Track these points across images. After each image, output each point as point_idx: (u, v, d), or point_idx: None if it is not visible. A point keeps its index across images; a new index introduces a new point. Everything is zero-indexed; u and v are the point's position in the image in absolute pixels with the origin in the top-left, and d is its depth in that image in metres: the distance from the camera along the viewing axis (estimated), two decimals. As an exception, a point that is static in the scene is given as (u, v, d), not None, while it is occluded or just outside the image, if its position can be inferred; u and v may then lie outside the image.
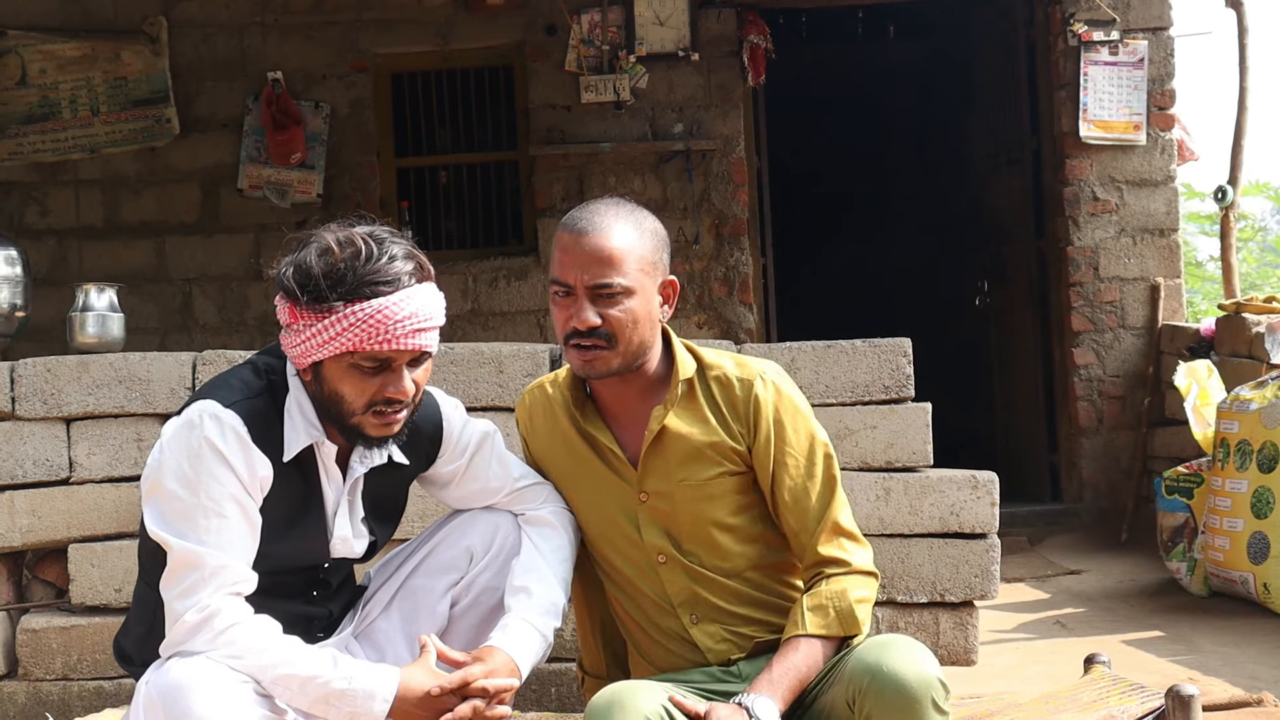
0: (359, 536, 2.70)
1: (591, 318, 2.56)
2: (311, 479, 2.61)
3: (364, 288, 2.44)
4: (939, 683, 2.35)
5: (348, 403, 2.51)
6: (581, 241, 2.58)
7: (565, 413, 2.75)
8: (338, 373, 2.49)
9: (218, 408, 2.48)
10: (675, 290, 2.67)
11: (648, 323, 2.61)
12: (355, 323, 2.43)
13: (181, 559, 2.44)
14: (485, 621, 2.76)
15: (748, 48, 7.54)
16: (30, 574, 4.17)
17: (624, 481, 2.70)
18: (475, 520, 2.81)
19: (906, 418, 4.01)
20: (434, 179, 7.93)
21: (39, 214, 7.67)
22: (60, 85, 7.56)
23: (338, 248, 2.45)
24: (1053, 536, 7.02)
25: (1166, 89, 7.39)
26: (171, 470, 2.47)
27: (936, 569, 3.94)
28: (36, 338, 5.92)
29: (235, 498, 2.46)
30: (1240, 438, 5.35)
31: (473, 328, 7.55)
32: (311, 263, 2.46)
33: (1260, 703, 3.34)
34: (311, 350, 2.48)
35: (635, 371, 2.65)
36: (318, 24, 7.66)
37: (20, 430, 4.09)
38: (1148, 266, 7.39)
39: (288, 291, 2.48)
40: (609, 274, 2.56)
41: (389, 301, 2.45)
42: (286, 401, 2.57)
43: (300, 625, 2.63)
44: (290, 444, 2.55)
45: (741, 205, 7.57)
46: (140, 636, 2.66)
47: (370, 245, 2.47)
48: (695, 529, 2.66)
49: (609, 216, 2.62)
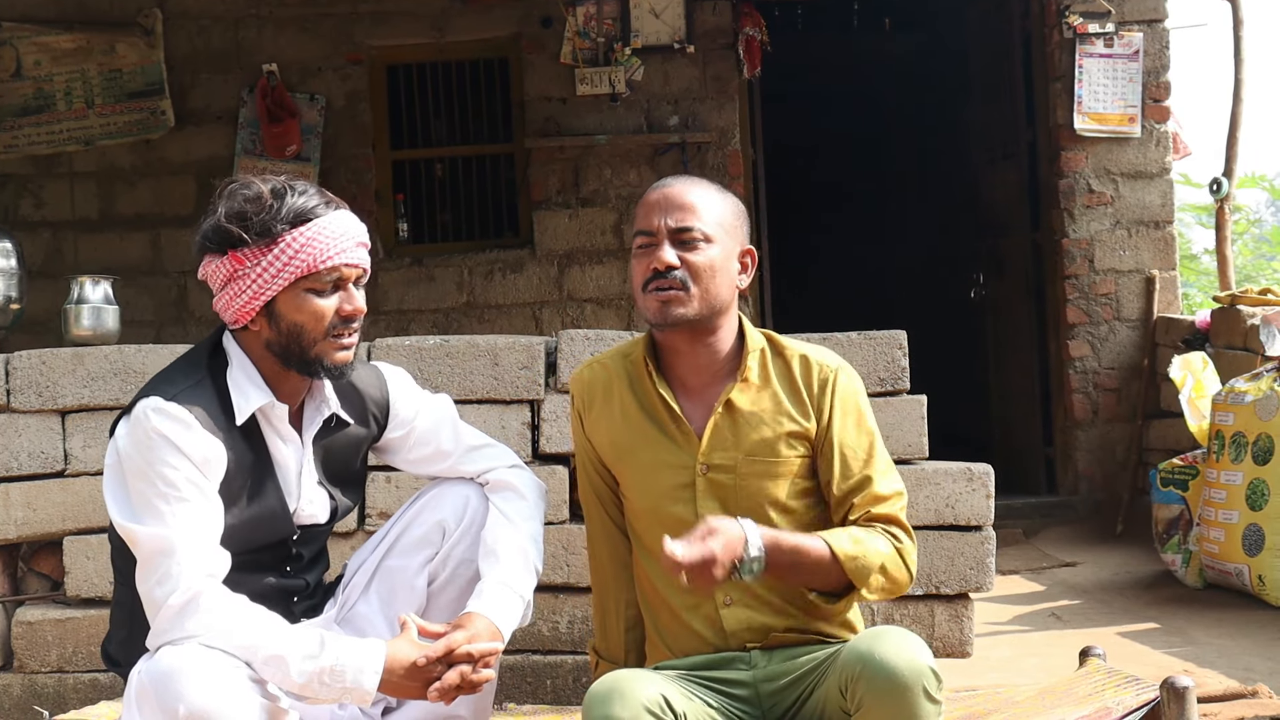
0: (321, 499, 2.74)
1: (671, 258, 2.64)
2: (263, 449, 2.65)
3: (302, 213, 2.58)
4: (930, 671, 2.36)
5: (309, 332, 2.59)
6: (667, 193, 2.70)
7: (628, 384, 2.77)
8: (293, 304, 2.58)
9: (159, 401, 2.53)
10: (754, 261, 2.76)
11: (725, 279, 2.67)
12: (306, 243, 2.56)
13: (151, 546, 2.47)
14: (464, 594, 2.78)
15: (743, 40, 7.54)
16: (25, 566, 4.16)
17: (683, 453, 2.71)
18: (444, 495, 2.84)
19: (902, 410, 4.01)
20: (429, 171, 7.93)
21: (34, 206, 7.66)
22: (55, 77, 7.54)
23: (266, 189, 2.59)
24: (1048, 529, 7.03)
25: (1161, 81, 7.39)
26: (126, 465, 2.53)
27: (932, 561, 3.94)
28: (31, 330, 5.91)
29: (192, 481, 2.50)
30: (1235, 430, 5.35)
31: (468, 320, 7.55)
32: (246, 206, 2.57)
33: (1255, 694, 3.35)
34: (267, 285, 2.56)
35: (709, 333, 2.69)
36: (313, 16, 7.65)
37: (15, 423, 4.09)
38: (1143, 259, 7.40)
39: (225, 241, 2.57)
40: (690, 218, 2.66)
41: (328, 221, 2.60)
42: (229, 373, 2.63)
43: (280, 599, 2.66)
44: (240, 410, 2.60)
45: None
46: (122, 640, 2.68)
47: (284, 183, 2.62)
48: (753, 506, 2.67)
49: (692, 179, 2.75)
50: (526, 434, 4.05)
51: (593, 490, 2.85)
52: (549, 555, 3.96)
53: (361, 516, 4.06)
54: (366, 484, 4.07)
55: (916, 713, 2.34)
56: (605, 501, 2.83)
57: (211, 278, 2.61)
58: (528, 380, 4.06)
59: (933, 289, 10.55)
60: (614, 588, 2.85)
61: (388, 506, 4.01)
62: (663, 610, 2.75)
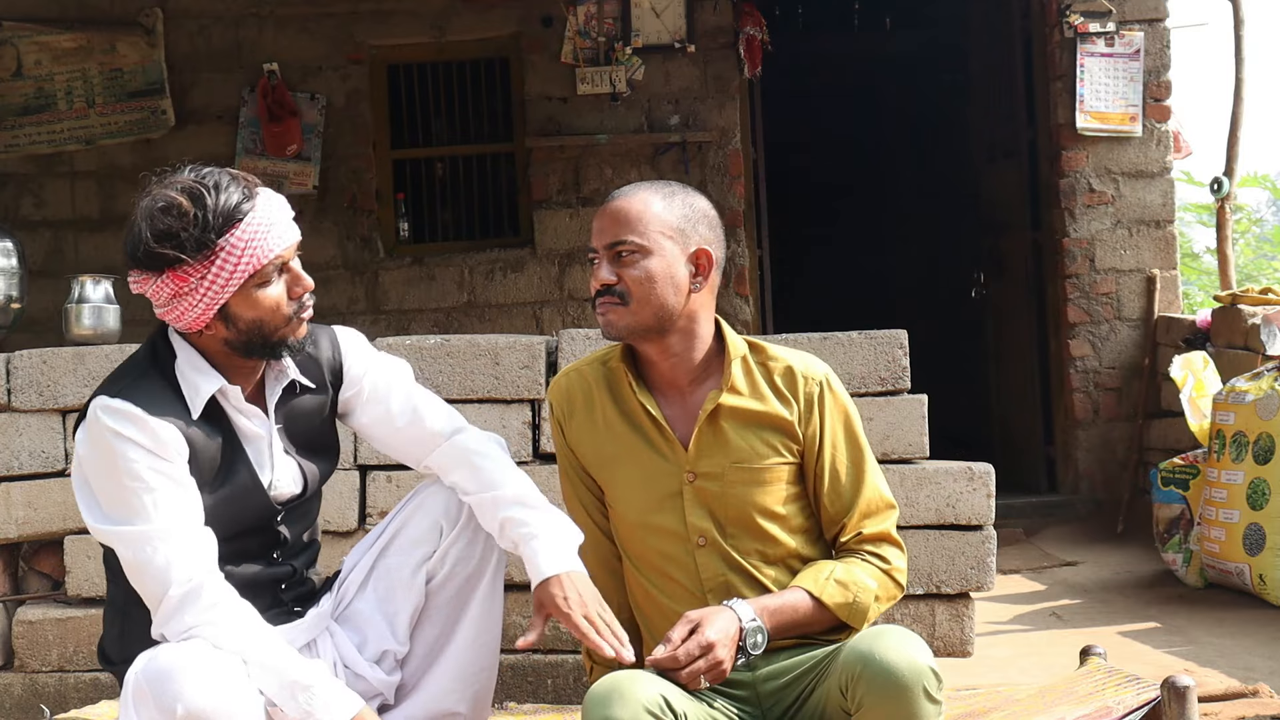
0: (293, 470, 2.72)
1: (606, 275, 2.63)
2: (227, 430, 2.62)
3: (232, 215, 2.50)
4: (931, 671, 2.36)
5: (269, 324, 2.57)
6: (606, 208, 2.68)
7: (609, 392, 2.75)
8: (246, 304, 2.54)
9: (106, 400, 2.52)
10: (710, 261, 2.69)
11: (668, 286, 2.63)
12: (246, 245, 2.50)
13: (134, 545, 2.48)
14: (462, 592, 2.79)
15: (744, 39, 7.53)
16: (26, 566, 4.17)
17: (669, 463, 2.70)
18: (439, 494, 2.82)
19: (903, 409, 4.01)
20: (430, 171, 7.92)
21: (34, 205, 7.66)
22: (56, 77, 7.54)
23: (186, 200, 2.49)
24: (1049, 528, 7.03)
25: (1162, 80, 7.39)
26: (89, 470, 2.53)
27: (933, 560, 3.94)
28: (32, 329, 5.91)
29: (157, 470, 2.49)
30: (1236, 429, 5.35)
31: (469, 319, 7.55)
32: (173, 223, 2.48)
33: (1256, 694, 3.35)
34: (217, 296, 2.51)
35: (669, 340, 2.67)
36: (314, 15, 7.65)
37: (16, 422, 4.09)
38: (1144, 258, 7.39)
39: (161, 264, 2.50)
40: (623, 233, 2.63)
41: (257, 213, 2.52)
42: (176, 366, 2.60)
43: (268, 588, 2.66)
44: (193, 401, 2.57)
45: (738, 197, 7.56)
46: (115, 637, 2.69)
47: (203, 183, 2.51)
48: (741, 513, 2.67)
49: (637, 187, 2.71)
50: (527, 433, 4.05)
51: (578, 498, 2.83)
52: (550, 554, 3.96)
53: (362, 515, 4.06)
54: (366, 484, 4.08)
55: (917, 712, 2.34)
56: (591, 509, 2.82)
57: (153, 295, 2.55)
58: (528, 380, 4.06)
59: (933, 288, 10.55)
60: (604, 593, 2.84)
61: (388, 505, 4.01)
62: (655, 616, 2.75)
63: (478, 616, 2.84)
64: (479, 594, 2.83)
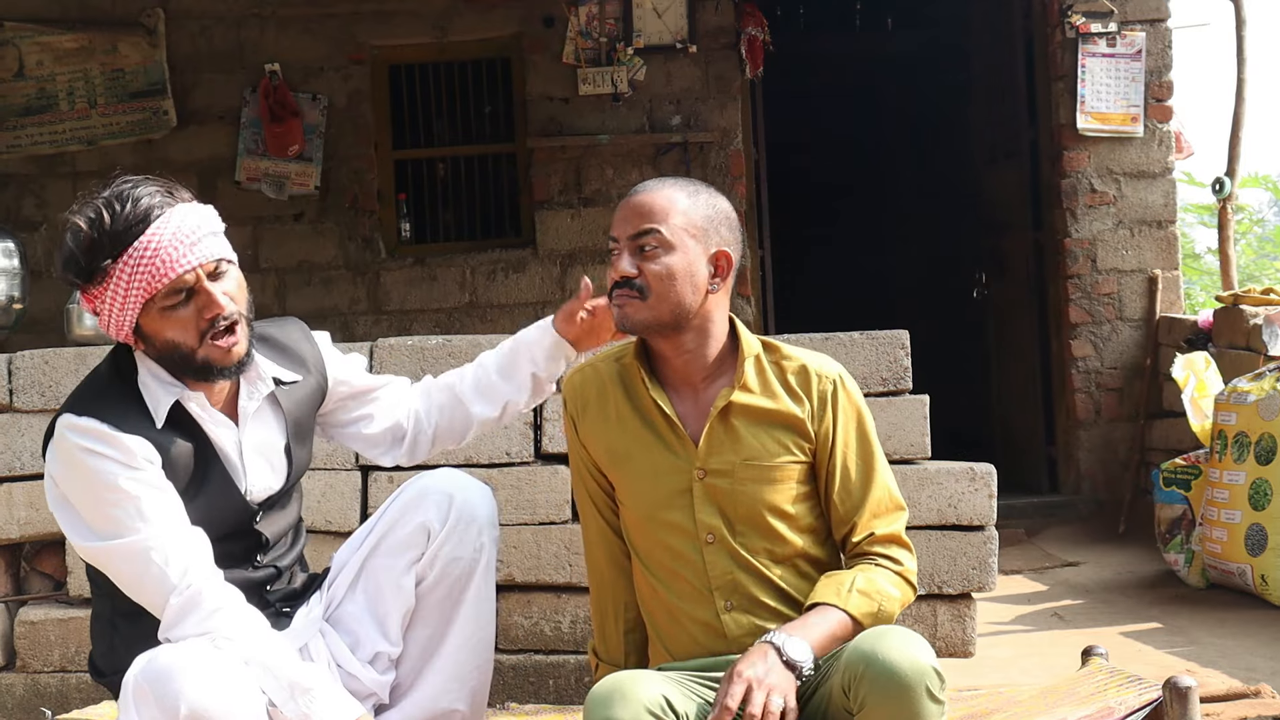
0: (276, 471, 2.72)
1: (627, 267, 2.63)
2: (198, 435, 2.62)
3: (122, 237, 2.47)
4: (934, 671, 2.36)
5: (183, 345, 2.54)
6: (631, 200, 2.68)
7: (622, 388, 2.76)
8: (157, 324, 2.53)
9: (72, 418, 2.51)
10: (729, 264, 2.69)
11: (688, 284, 2.64)
12: (133, 270, 2.47)
13: (128, 557, 2.48)
14: (452, 593, 2.80)
15: (745, 39, 7.53)
16: (28, 566, 4.17)
17: (679, 459, 2.70)
18: (426, 495, 2.83)
19: (904, 410, 4.01)
20: (432, 171, 7.92)
21: (36, 206, 7.66)
22: (57, 77, 7.55)
23: (83, 221, 2.49)
24: (1050, 528, 7.03)
25: (1164, 81, 7.39)
26: (66, 490, 2.52)
27: (934, 561, 3.94)
28: (34, 330, 5.91)
29: (133, 479, 2.49)
30: (1238, 429, 5.35)
31: (471, 320, 7.55)
32: (71, 247, 2.50)
33: (1258, 694, 3.34)
34: (121, 319, 2.52)
35: (683, 337, 2.67)
36: (315, 16, 7.65)
37: (18, 422, 4.09)
38: (1145, 258, 7.39)
39: (73, 284, 2.54)
40: (647, 224, 2.63)
41: (150, 235, 2.47)
42: (139, 378, 2.59)
43: (253, 591, 2.66)
44: (156, 411, 2.57)
45: (739, 197, 7.56)
46: (104, 651, 2.69)
47: (109, 201, 2.50)
48: (751, 511, 2.67)
49: (662, 183, 2.71)
50: (528, 434, 4.05)
51: (588, 495, 2.84)
52: (551, 555, 3.96)
53: (363, 516, 4.05)
54: (368, 484, 4.08)
55: (919, 712, 2.34)
56: (601, 506, 2.82)
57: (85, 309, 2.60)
58: (530, 380, 4.05)
59: (934, 289, 10.54)
60: (612, 591, 2.85)
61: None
62: (662, 614, 2.74)
63: (470, 616, 2.85)
64: (470, 594, 2.84)
